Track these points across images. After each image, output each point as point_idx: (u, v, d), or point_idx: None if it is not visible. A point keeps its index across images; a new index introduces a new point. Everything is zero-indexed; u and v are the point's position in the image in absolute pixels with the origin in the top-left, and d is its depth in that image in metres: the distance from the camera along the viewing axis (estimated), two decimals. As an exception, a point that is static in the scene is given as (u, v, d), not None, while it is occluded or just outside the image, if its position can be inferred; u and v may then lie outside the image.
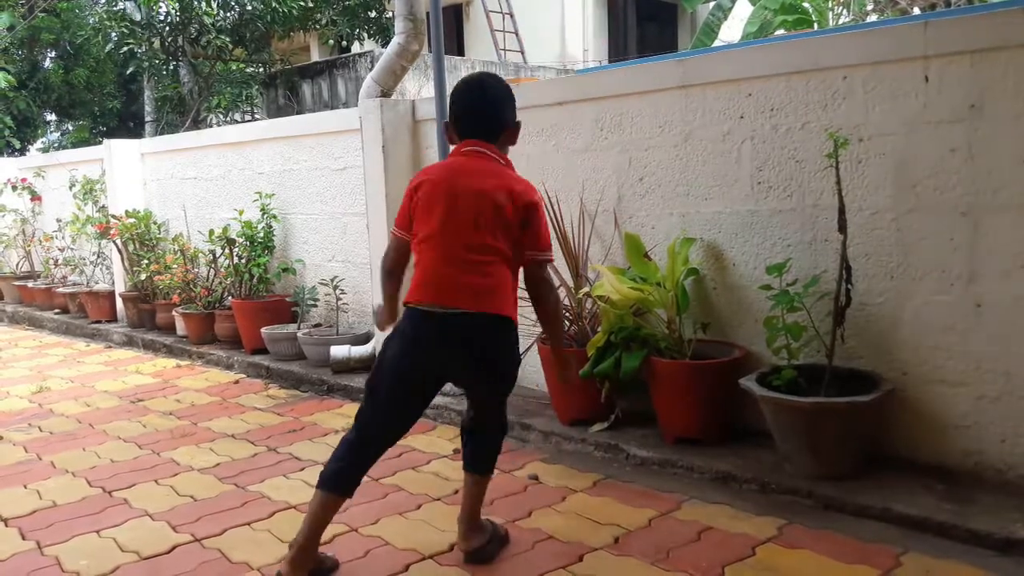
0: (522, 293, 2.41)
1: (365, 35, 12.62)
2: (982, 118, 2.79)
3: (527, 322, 2.82)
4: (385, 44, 10.48)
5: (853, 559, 2.42)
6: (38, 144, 14.29)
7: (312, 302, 5.36)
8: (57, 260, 8.11)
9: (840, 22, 11.58)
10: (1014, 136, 2.74)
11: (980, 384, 2.87)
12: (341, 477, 2.38)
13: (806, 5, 11.67)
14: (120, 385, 5.12)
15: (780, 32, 10.91)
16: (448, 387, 4.21)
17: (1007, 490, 2.75)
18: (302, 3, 10.99)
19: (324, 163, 5.45)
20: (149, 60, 11.27)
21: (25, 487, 3.35)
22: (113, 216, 6.89)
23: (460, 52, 16.01)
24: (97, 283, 7.58)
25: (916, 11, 10.41)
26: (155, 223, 6.84)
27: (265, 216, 5.67)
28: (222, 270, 5.92)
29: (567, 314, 3.68)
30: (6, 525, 2.96)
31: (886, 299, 3.06)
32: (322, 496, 2.36)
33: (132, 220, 6.72)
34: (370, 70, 5.58)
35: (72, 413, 4.48)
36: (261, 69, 12.72)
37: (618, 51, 15.91)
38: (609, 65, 13.37)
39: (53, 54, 13.91)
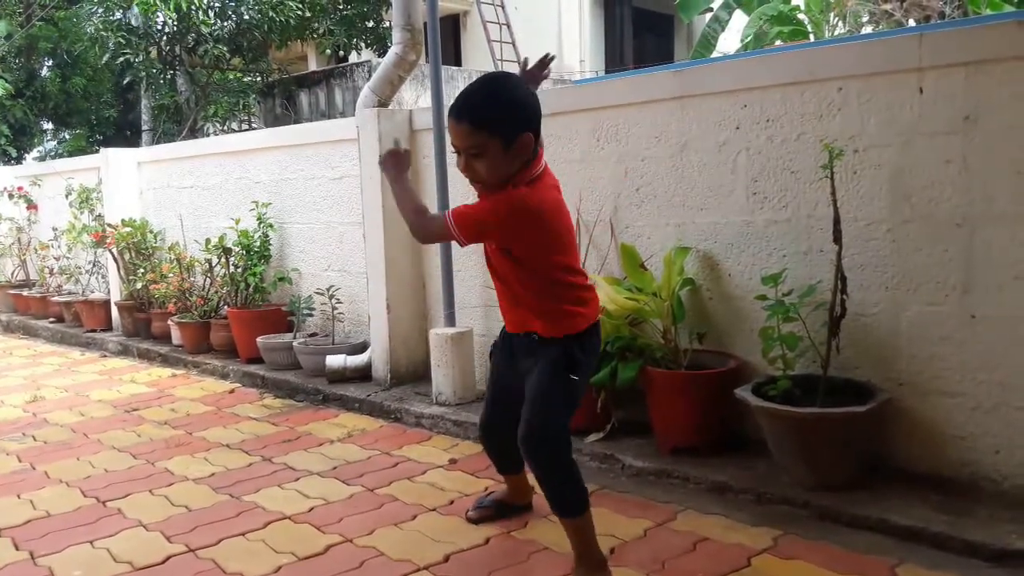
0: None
1: (363, 45, 12.65)
2: (977, 130, 2.81)
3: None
4: (382, 54, 10.53)
5: (849, 570, 2.42)
6: (34, 153, 14.27)
7: (308, 311, 5.36)
8: (52, 269, 8.10)
9: (835, 33, 11.65)
10: (1008, 148, 2.75)
11: (975, 395, 2.87)
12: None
13: (802, 16, 11.73)
14: (115, 394, 5.10)
15: (778, 43, 10.96)
16: (445, 397, 4.23)
17: (1003, 501, 2.75)
18: (299, 13, 11.01)
19: (321, 172, 5.45)
20: (146, 69, 11.27)
21: (19, 497, 3.34)
22: (109, 225, 6.88)
23: (457, 62, 16.07)
24: (92, 292, 7.57)
25: (911, 23, 10.47)
26: (151, 232, 6.84)
27: (261, 225, 5.67)
28: (218, 279, 5.91)
29: None
30: (-1, 535, 2.95)
31: (881, 309, 3.07)
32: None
33: (128, 229, 6.72)
34: (367, 80, 5.60)
35: (66, 422, 4.47)
36: (258, 78, 12.74)
37: (615, 62, 15.99)
38: (606, 76, 13.43)
39: (50, 63, 13.90)
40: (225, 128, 11.93)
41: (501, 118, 2.25)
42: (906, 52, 2.93)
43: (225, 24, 11.04)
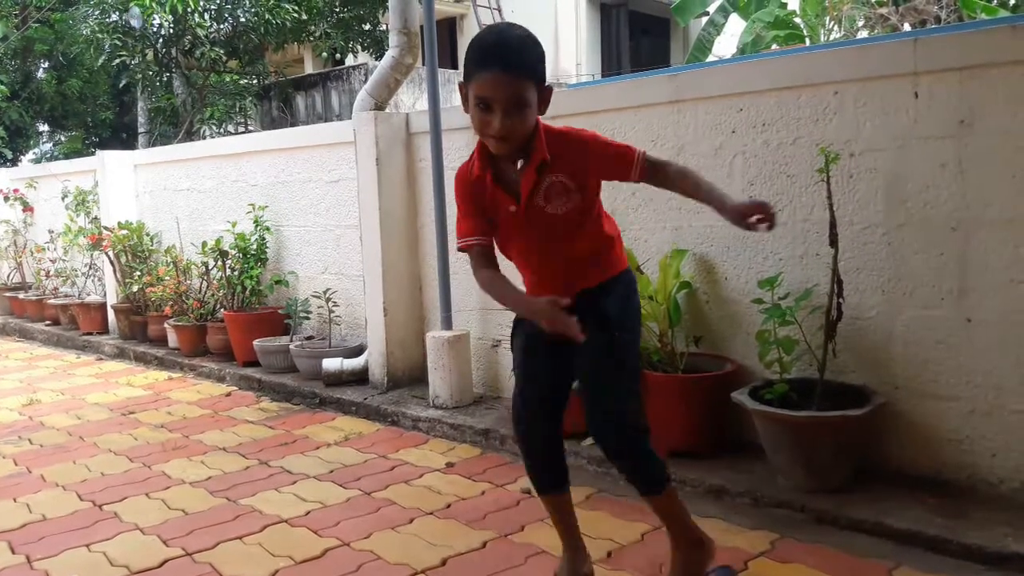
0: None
1: (359, 48, 12.66)
2: (972, 134, 2.82)
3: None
4: (379, 57, 10.52)
5: (845, 573, 2.42)
6: (30, 155, 14.25)
7: (305, 314, 5.36)
8: (48, 271, 8.09)
9: (831, 38, 11.68)
10: (1003, 152, 2.76)
11: (971, 398, 2.88)
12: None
13: (798, 21, 11.77)
14: (111, 397, 5.10)
15: (774, 47, 10.99)
16: (442, 401, 4.23)
17: (999, 504, 2.76)
18: (296, 15, 11.02)
19: (318, 175, 5.45)
20: (142, 72, 11.28)
21: (15, 500, 3.33)
22: (105, 227, 6.88)
23: (454, 65, 16.08)
24: (89, 295, 7.56)
25: (906, 28, 10.51)
26: (148, 235, 6.83)
27: (258, 228, 5.66)
28: (215, 282, 5.91)
29: None
30: (-5, 539, 2.94)
31: (877, 313, 3.08)
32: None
33: (124, 232, 6.70)
34: (364, 83, 5.61)
35: (63, 426, 4.46)
36: (255, 81, 12.74)
37: (611, 65, 16.01)
38: (602, 79, 13.44)
39: (46, 65, 13.90)
40: (221, 131, 11.92)
41: (540, 67, 2.08)
42: (902, 57, 2.94)
43: (221, 27, 11.05)
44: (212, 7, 10.73)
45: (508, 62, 1.99)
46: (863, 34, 11.40)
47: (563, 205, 2.16)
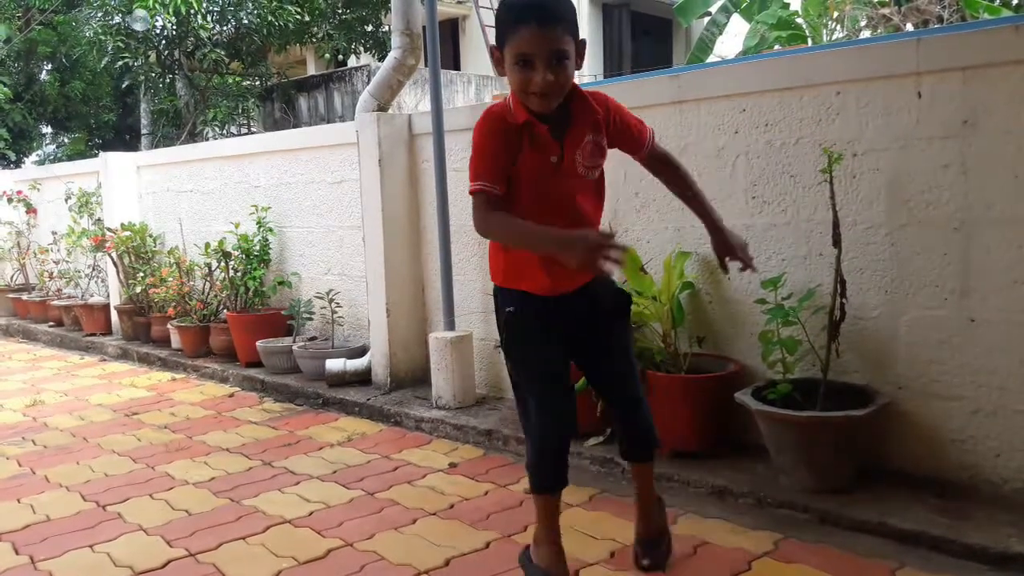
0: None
1: (362, 49, 12.68)
2: (975, 134, 2.82)
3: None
4: (382, 58, 10.53)
5: (849, 574, 2.42)
6: (34, 156, 14.29)
7: (308, 315, 5.36)
8: (52, 273, 8.11)
9: (834, 38, 11.67)
10: (1006, 152, 2.76)
11: (975, 398, 2.88)
12: None
13: (800, 21, 11.76)
14: (114, 398, 5.10)
15: (776, 48, 10.98)
16: (445, 401, 4.23)
17: (1002, 504, 2.75)
18: (299, 17, 11.03)
19: (320, 176, 5.46)
20: (145, 73, 11.30)
21: (19, 501, 3.33)
22: (109, 229, 6.89)
23: (456, 66, 16.10)
24: (92, 296, 7.57)
25: (909, 28, 10.50)
26: (151, 236, 6.84)
27: (261, 229, 5.67)
28: (218, 283, 5.92)
29: None
30: (-1, 540, 2.95)
31: (880, 313, 3.07)
32: None
33: (128, 233, 6.72)
34: (367, 84, 5.61)
35: (66, 427, 4.47)
36: (257, 82, 12.76)
37: (613, 66, 16.01)
38: (604, 80, 13.44)
39: (49, 66, 13.93)
40: (224, 132, 11.95)
41: (574, 19, 2.06)
42: (904, 57, 2.94)
43: (224, 28, 11.07)
44: (215, 9, 10.75)
45: (545, 16, 1.99)
46: (865, 34, 11.40)
47: (594, 168, 2.20)
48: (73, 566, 2.70)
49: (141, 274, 6.53)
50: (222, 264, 5.74)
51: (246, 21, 10.76)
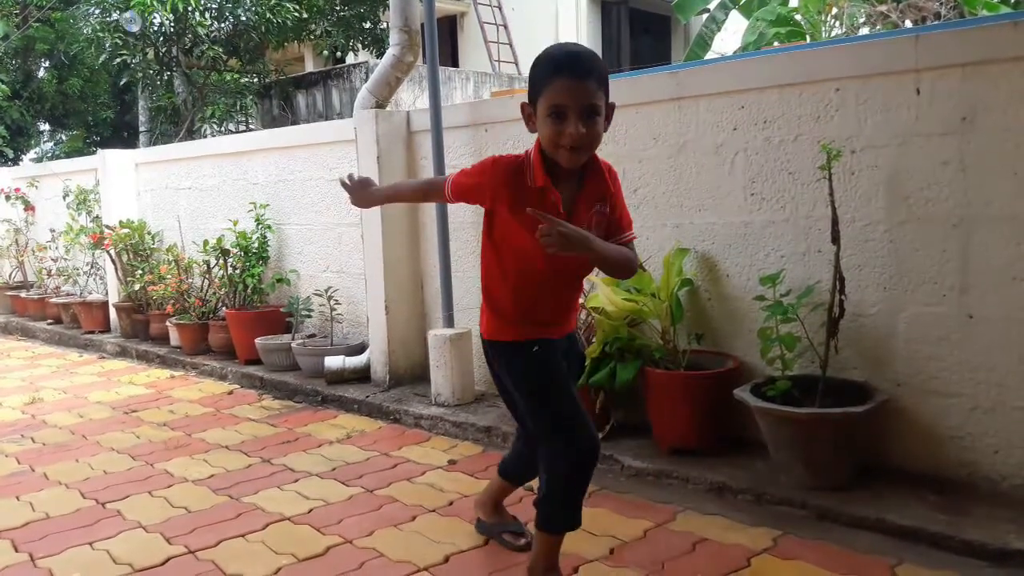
0: None
1: (360, 46, 12.65)
2: (973, 131, 2.82)
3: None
4: (380, 55, 10.52)
5: (847, 570, 2.43)
6: (31, 154, 14.25)
7: (306, 312, 5.36)
8: (50, 270, 8.10)
9: (832, 35, 11.66)
10: (1005, 148, 2.76)
11: (974, 395, 2.88)
12: None
13: (799, 18, 11.75)
14: (113, 396, 5.10)
15: (776, 44, 10.97)
16: (444, 398, 4.23)
17: (1001, 501, 2.76)
18: (296, 14, 11.00)
19: (319, 174, 5.45)
20: (143, 70, 11.27)
21: (18, 499, 3.33)
22: (107, 226, 6.88)
23: (455, 63, 16.08)
24: (90, 293, 7.57)
25: (907, 24, 10.49)
26: (149, 233, 6.83)
27: (259, 226, 5.67)
28: (216, 280, 5.91)
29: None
30: (-2, 537, 2.94)
31: (879, 310, 3.08)
32: None
33: (126, 230, 6.71)
34: (365, 81, 5.61)
35: (65, 424, 4.46)
36: (255, 80, 12.72)
37: (612, 62, 15.98)
38: (603, 76, 13.39)
39: (47, 64, 13.90)
40: (222, 129, 11.92)
41: (608, 79, 2.10)
42: (903, 53, 2.94)
43: (222, 25, 11.04)
44: (213, 6, 10.72)
45: (582, 69, 2.03)
46: (864, 31, 11.39)
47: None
48: (72, 563, 2.70)
49: (139, 271, 6.52)
50: (220, 261, 5.73)
51: (244, 18, 10.72)
